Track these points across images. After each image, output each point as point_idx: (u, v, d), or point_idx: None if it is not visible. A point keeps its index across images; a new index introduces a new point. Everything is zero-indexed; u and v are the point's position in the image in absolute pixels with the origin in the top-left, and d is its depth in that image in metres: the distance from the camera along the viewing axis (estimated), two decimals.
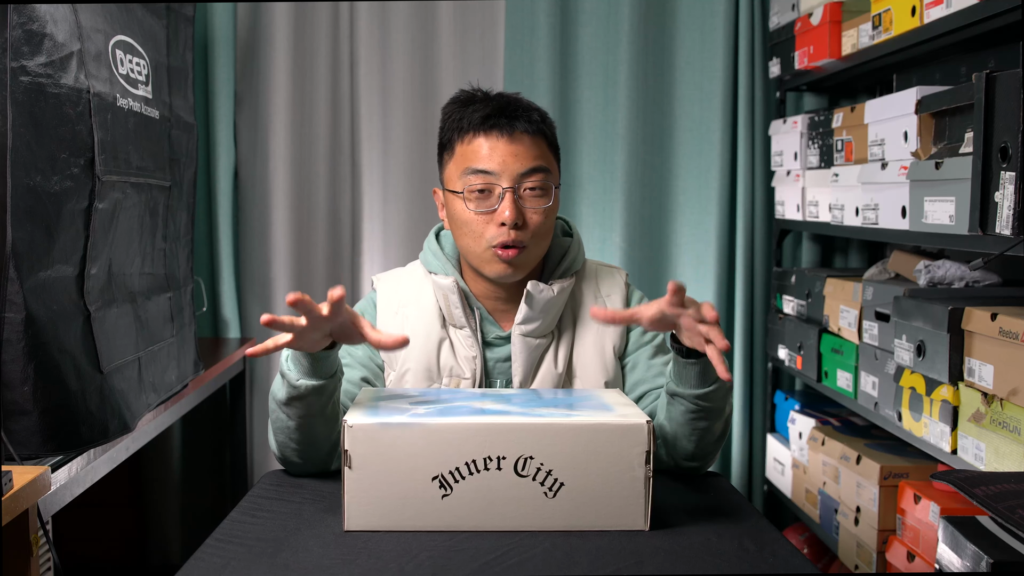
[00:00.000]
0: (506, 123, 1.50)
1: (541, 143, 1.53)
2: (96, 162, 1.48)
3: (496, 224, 1.49)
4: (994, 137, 1.50)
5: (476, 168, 1.50)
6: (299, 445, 1.45)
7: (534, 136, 1.52)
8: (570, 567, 1.12)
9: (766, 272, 2.75)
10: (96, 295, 1.54)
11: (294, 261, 2.75)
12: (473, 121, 1.51)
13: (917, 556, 1.78)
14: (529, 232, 1.50)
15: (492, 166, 1.49)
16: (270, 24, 2.68)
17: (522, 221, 1.49)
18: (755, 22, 2.69)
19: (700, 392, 1.42)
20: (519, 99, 1.56)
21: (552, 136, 1.57)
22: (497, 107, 1.52)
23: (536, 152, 1.51)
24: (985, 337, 1.58)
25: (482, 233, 1.50)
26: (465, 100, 1.56)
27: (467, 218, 1.51)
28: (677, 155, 2.76)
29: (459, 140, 1.53)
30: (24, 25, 1.36)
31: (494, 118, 1.51)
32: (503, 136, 1.50)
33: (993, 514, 1.06)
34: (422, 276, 1.62)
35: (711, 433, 1.47)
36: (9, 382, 1.38)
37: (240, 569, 1.13)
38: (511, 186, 1.49)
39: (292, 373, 1.38)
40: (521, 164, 1.50)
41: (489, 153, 1.50)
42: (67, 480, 1.47)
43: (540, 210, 1.51)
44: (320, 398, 1.39)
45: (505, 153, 1.49)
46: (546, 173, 1.52)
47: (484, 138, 1.51)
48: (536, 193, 1.51)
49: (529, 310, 1.53)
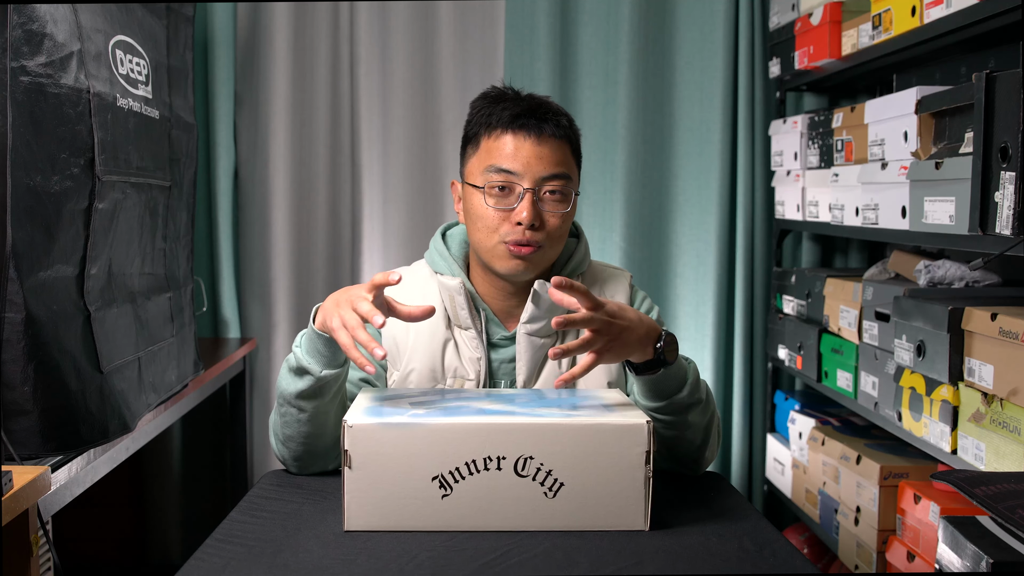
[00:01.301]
0: (535, 124, 1.50)
1: (566, 149, 1.53)
2: (96, 162, 1.48)
3: (512, 223, 1.49)
4: (994, 137, 1.50)
5: (500, 166, 1.50)
6: (307, 438, 1.46)
7: (560, 141, 1.52)
8: (570, 567, 1.12)
9: (766, 272, 2.75)
10: (96, 295, 1.54)
11: (294, 261, 2.75)
12: (502, 119, 1.51)
13: (917, 556, 1.78)
14: (545, 234, 1.51)
15: (516, 166, 1.49)
16: (270, 24, 2.68)
17: (539, 223, 1.50)
18: (755, 22, 2.69)
19: (653, 405, 1.43)
20: (549, 102, 1.56)
21: (577, 143, 1.57)
22: (528, 107, 1.52)
23: (560, 157, 1.51)
24: (985, 337, 1.58)
25: (496, 228, 1.50)
26: (496, 97, 1.56)
27: (483, 213, 1.51)
28: (677, 155, 2.76)
29: (486, 135, 1.53)
30: (24, 25, 1.36)
31: (524, 118, 1.51)
32: (530, 136, 1.50)
33: (993, 514, 1.06)
34: (427, 276, 1.62)
35: (685, 443, 1.47)
36: (9, 382, 1.38)
37: (240, 569, 1.13)
38: (532, 188, 1.49)
39: (314, 365, 1.41)
40: (545, 167, 1.50)
41: (514, 152, 1.50)
42: (67, 480, 1.47)
43: (558, 214, 1.51)
44: (336, 385, 1.44)
45: (530, 154, 1.49)
46: (567, 180, 1.52)
47: (511, 136, 1.51)
48: (556, 198, 1.51)
49: (535, 309, 1.53)
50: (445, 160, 2.72)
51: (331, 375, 1.41)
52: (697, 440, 1.48)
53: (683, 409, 1.44)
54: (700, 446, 1.49)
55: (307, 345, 1.42)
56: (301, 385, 1.42)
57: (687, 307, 2.76)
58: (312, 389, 1.42)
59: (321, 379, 1.41)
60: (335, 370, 1.41)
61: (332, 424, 1.47)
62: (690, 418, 1.45)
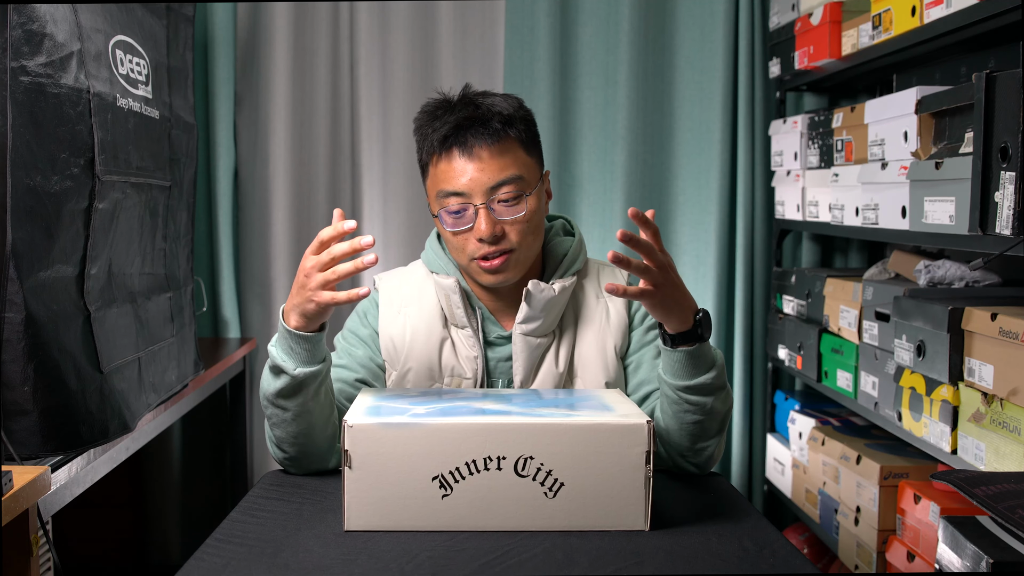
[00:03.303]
0: (463, 141, 1.48)
1: (508, 148, 1.49)
2: (96, 162, 1.48)
3: (475, 239, 1.49)
4: (994, 137, 1.50)
5: (447, 190, 1.49)
6: (297, 438, 1.46)
7: (500, 144, 1.48)
8: (570, 567, 1.12)
9: (766, 272, 2.75)
10: (96, 295, 1.54)
11: (294, 261, 2.74)
12: (434, 143, 1.51)
13: (917, 556, 1.78)
14: (511, 241, 1.50)
15: (461, 186, 1.48)
16: (270, 24, 2.68)
17: (500, 231, 1.49)
18: (755, 22, 2.69)
19: (686, 384, 1.42)
20: (480, 103, 1.51)
21: (524, 133, 1.52)
22: (455, 124, 1.49)
23: (501, 163, 1.48)
24: (985, 337, 1.58)
25: (463, 248, 1.51)
26: (429, 115, 1.54)
27: (449, 237, 1.53)
28: (677, 155, 2.76)
29: (429, 163, 1.54)
30: (24, 25, 1.36)
31: (452, 137, 1.49)
32: (463, 155, 1.48)
33: (993, 514, 1.06)
34: (424, 276, 1.62)
35: (704, 431, 1.46)
36: (9, 382, 1.38)
37: (240, 569, 1.13)
38: (483, 202, 1.48)
39: (289, 364, 1.41)
40: (488, 178, 1.47)
41: (456, 174, 1.48)
42: (67, 480, 1.47)
43: (517, 219, 1.49)
44: (315, 383, 1.43)
45: (471, 171, 1.48)
46: (517, 181, 1.49)
47: (447, 160, 1.50)
48: (509, 204, 1.49)
49: (529, 309, 1.53)
50: None
51: (307, 373, 1.41)
52: (714, 429, 1.47)
53: (710, 391, 1.43)
54: (714, 436, 1.48)
55: (282, 344, 1.42)
56: (279, 384, 1.42)
57: None
58: (290, 388, 1.42)
59: (296, 377, 1.41)
60: (312, 368, 1.41)
61: (321, 423, 1.46)
62: (714, 403, 1.44)
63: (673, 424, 1.46)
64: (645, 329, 1.60)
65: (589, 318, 1.58)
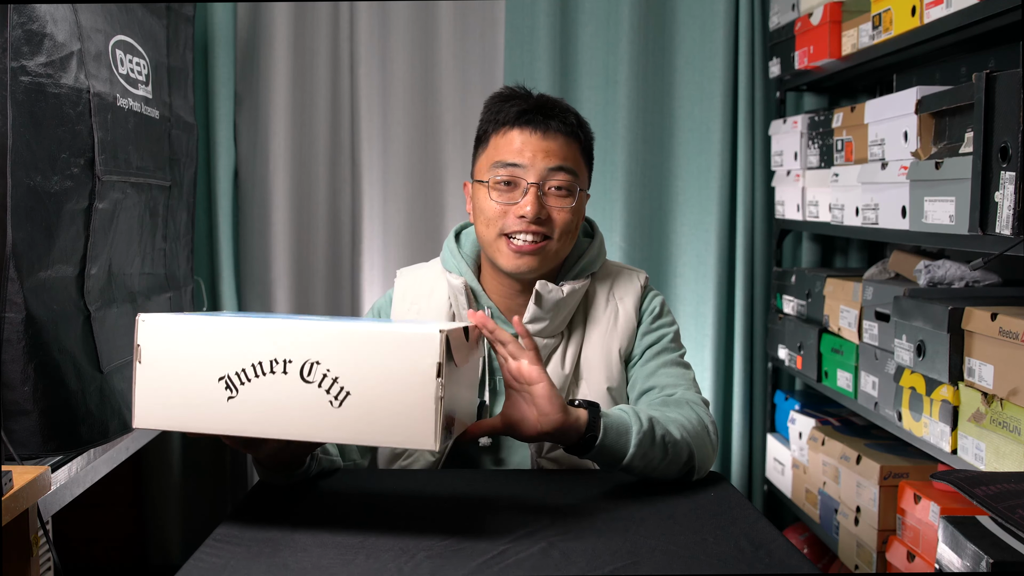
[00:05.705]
0: (541, 120, 1.51)
1: (574, 146, 1.53)
2: (96, 162, 1.48)
3: (515, 215, 1.49)
4: (994, 137, 1.50)
5: (505, 161, 1.50)
6: None
7: (567, 137, 1.52)
8: (567, 567, 1.12)
9: (766, 272, 2.75)
10: (96, 295, 1.54)
11: (294, 261, 2.75)
12: (510, 115, 1.52)
13: (917, 556, 1.78)
14: (553, 227, 1.50)
15: (521, 159, 1.50)
16: (270, 24, 2.68)
17: (545, 216, 1.50)
18: (755, 22, 2.69)
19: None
20: (560, 101, 1.56)
21: (587, 143, 1.57)
22: (536, 104, 1.53)
23: (567, 153, 1.51)
24: (985, 337, 1.58)
25: (497, 220, 1.50)
26: (507, 95, 1.56)
27: (487, 207, 1.52)
28: (677, 155, 2.76)
29: (494, 132, 1.54)
30: (24, 25, 1.36)
31: (530, 113, 1.51)
32: (536, 131, 1.50)
33: (993, 514, 1.06)
34: (438, 273, 1.63)
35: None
36: (9, 382, 1.38)
37: (240, 569, 1.13)
38: (536, 181, 1.49)
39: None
40: (550, 160, 1.50)
41: (520, 147, 1.50)
42: (67, 480, 1.47)
43: (564, 208, 1.51)
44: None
45: (536, 148, 1.50)
46: (573, 175, 1.51)
47: (518, 132, 1.51)
48: (561, 192, 1.51)
49: (538, 309, 1.53)
50: (445, 160, 2.73)
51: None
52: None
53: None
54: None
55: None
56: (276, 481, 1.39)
57: (687, 307, 2.76)
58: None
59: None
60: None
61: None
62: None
63: None
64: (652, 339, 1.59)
65: (598, 320, 1.58)
